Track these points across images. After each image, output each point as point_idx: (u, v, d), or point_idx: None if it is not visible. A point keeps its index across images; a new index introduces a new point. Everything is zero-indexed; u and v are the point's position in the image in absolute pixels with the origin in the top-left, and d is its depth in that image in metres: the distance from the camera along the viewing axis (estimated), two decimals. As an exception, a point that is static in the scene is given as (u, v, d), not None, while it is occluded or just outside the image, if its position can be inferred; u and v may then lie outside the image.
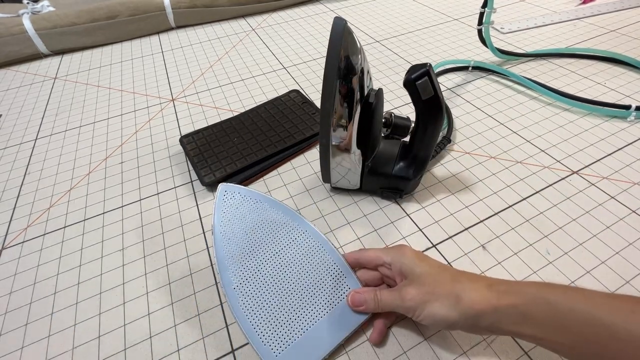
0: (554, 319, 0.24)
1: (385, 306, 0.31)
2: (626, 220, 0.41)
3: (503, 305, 0.26)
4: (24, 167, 0.57)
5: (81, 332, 0.36)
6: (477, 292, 0.27)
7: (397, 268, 0.32)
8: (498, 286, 0.27)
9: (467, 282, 0.29)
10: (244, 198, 0.37)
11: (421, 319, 0.29)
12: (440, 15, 0.89)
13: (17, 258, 0.43)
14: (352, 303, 0.33)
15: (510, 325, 0.26)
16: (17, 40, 0.82)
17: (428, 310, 0.28)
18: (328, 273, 0.34)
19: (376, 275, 0.35)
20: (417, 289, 0.29)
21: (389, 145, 0.44)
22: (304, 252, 0.35)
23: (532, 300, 0.25)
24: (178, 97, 0.68)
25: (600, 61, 0.66)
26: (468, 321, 0.27)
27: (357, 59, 0.35)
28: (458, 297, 0.27)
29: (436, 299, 0.28)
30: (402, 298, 0.30)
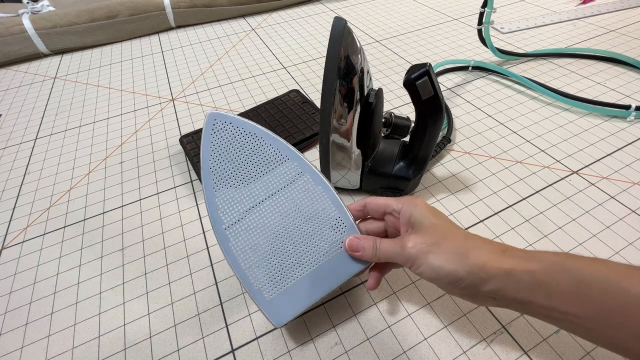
0: (574, 287, 0.22)
1: (383, 254, 0.29)
2: (626, 220, 0.41)
3: (518, 270, 0.24)
4: (23, 166, 0.57)
5: (81, 332, 0.36)
6: (490, 253, 0.25)
7: (406, 217, 0.29)
8: (514, 251, 0.25)
9: (480, 242, 0.26)
10: (236, 130, 0.32)
11: (421, 270, 0.26)
12: (440, 15, 0.89)
13: (16, 258, 0.43)
14: (349, 247, 0.30)
15: (520, 293, 0.24)
16: (16, 40, 0.82)
17: (431, 261, 0.26)
18: (327, 220, 0.31)
19: (380, 226, 0.32)
20: (421, 237, 0.27)
21: (388, 145, 0.44)
22: (302, 195, 0.32)
23: (551, 268, 0.23)
24: (178, 97, 0.68)
25: (600, 61, 0.66)
26: (474, 281, 0.25)
27: (357, 59, 0.35)
28: (467, 254, 0.25)
29: (442, 252, 0.26)
30: (402, 245, 0.27)
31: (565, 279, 0.23)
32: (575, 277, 0.23)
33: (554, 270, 0.23)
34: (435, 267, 0.26)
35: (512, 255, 0.25)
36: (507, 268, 0.24)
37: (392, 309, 0.35)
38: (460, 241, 0.26)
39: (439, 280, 0.26)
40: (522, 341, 0.32)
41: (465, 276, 0.25)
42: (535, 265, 0.24)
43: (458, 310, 0.34)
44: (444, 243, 0.26)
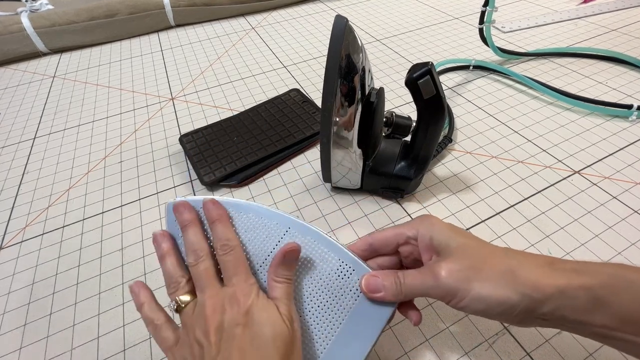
0: (636, 302, 0.20)
1: (410, 290, 0.24)
2: (628, 221, 0.40)
3: (573, 286, 0.21)
4: (22, 166, 0.56)
5: (80, 333, 0.36)
6: (538, 269, 0.22)
7: (426, 241, 0.25)
8: (563, 264, 0.22)
9: (523, 257, 0.23)
10: (201, 212, 0.28)
11: (465, 303, 0.22)
12: (442, 14, 0.89)
13: (15, 258, 0.43)
14: (367, 288, 0.25)
15: (578, 313, 0.21)
16: (15, 39, 0.81)
17: (476, 291, 0.22)
18: (330, 269, 0.27)
19: (393, 260, 0.28)
20: (457, 263, 0.23)
21: (390, 144, 0.44)
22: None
23: (610, 281, 0.21)
24: (177, 96, 0.68)
25: (601, 60, 0.66)
26: (528, 306, 0.21)
27: (358, 58, 0.35)
28: (514, 274, 0.22)
29: (486, 277, 0.22)
30: (435, 276, 0.23)
31: (629, 295, 0.20)
32: (637, 292, 0.20)
33: (614, 285, 0.21)
34: (483, 297, 0.22)
35: (562, 269, 0.22)
36: (561, 284, 0.21)
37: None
38: (501, 259, 0.23)
39: (490, 311, 0.22)
40: (525, 342, 0.32)
41: (519, 301, 0.21)
42: (589, 279, 0.21)
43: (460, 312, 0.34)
44: (484, 265, 0.22)
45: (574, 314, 0.21)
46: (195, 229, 0.27)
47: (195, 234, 0.26)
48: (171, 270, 0.26)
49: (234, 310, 0.23)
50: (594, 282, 0.21)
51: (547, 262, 0.23)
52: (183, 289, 0.25)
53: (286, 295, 0.25)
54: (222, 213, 0.27)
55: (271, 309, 0.23)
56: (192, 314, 0.24)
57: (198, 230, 0.27)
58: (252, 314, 0.23)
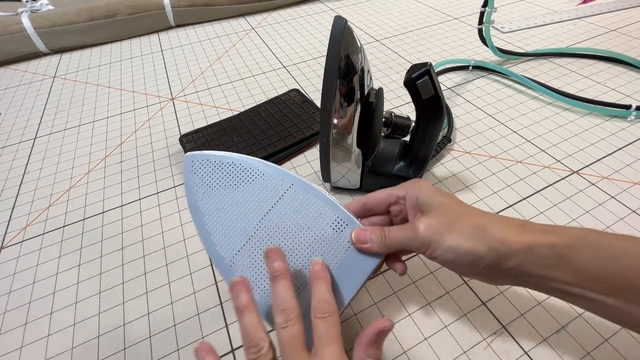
0: (599, 262, 0.21)
1: (394, 242, 0.27)
2: (626, 220, 0.41)
3: (539, 244, 0.22)
4: (22, 166, 0.56)
5: (80, 332, 0.36)
6: (508, 228, 0.24)
7: (412, 201, 0.27)
8: (533, 225, 0.24)
9: (497, 217, 0.25)
10: (215, 165, 0.31)
11: (438, 253, 0.25)
12: (441, 15, 0.89)
13: (16, 257, 0.43)
14: (356, 239, 0.28)
15: (542, 269, 0.22)
16: (16, 39, 0.82)
17: (448, 242, 0.24)
18: (326, 224, 0.29)
19: (385, 220, 0.31)
20: (435, 219, 0.25)
21: (389, 144, 0.44)
22: (294, 207, 0.30)
23: (575, 241, 0.22)
24: (178, 96, 0.68)
25: (600, 61, 0.66)
26: (495, 258, 0.23)
27: (358, 58, 0.35)
28: (485, 230, 0.24)
29: (458, 231, 0.24)
30: (415, 230, 0.25)
31: (590, 253, 0.22)
32: (600, 252, 0.21)
33: (578, 244, 0.22)
34: (453, 247, 0.24)
35: (532, 229, 0.24)
36: (527, 242, 0.23)
37: (392, 309, 0.35)
38: (476, 217, 0.25)
39: (458, 261, 0.24)
40: (523, 341, 0.32)
41: (486, 253, 0.23)
42: (556, 239, 0.22)
43: (458, 310, 0.34)
44: (459, 221, 0.25)
45: (539, 269, 0.23)
46: (287, 282, 0.25)
47: (287, 289, 0.24)
48: (251, 330, 0.23)
49: None
50: (560, 241, 0.22)
51: (519, 224, 0.24)
52: (266, 357, 0.23)
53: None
54: (328, 275, 0.26)
55: None
56: None
57: (289, 285, 0.25)
58: None
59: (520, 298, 0.35)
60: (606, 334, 0.32)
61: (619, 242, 0.22)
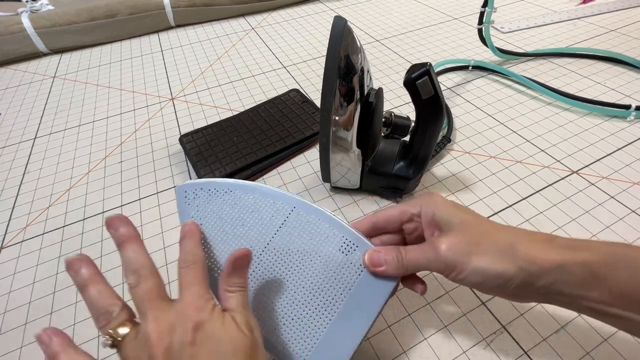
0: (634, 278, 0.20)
1: (412, 264, 0.25)
2: (626, 220, 0.41)
3: (571, 261, 0.21)
4: (22, 166, 0.56)
5: (80, 332, 0.36)
6: (537, 244, 0.22)
7: (429, 218, 0.25)
8: (562, 241, 0.23)
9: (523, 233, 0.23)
10: (210, 193, 0.29)
11: (464, 276, 0.23)
12: (441, 15, 0.89)
13: (16, 257, 0.43)
14: (370, 262, 0.26)
15: (574, 288, 0.21)
16: (16, 39, 0.82)
17: (475, 263, 0.22)
18: (334, 247, 0.27)
19: (396, 238, 0.29)
20: (457, 238, 0.23)
21: (388, 144, 0.44)
22: (298, 232, 0.28)
23: (609, 258, 0.21)
24: (177, 96, 0.68)
25: (600, 61, 0.66)
26: (525, 279, 0.22)
27: (357, 58, 0.35)
28: (513, 249, 0.22)
29: (484, 251, 0.23)
30: (436, 250, 0.24)
31: (626, 271, 0.20)
32: (636, 270, 0.20)
33: (612, 262, 0.21)
34: (480, 269, 0.22)
35: (561, 246, 0.22)
36: (558, 260, 0.21)
37: (391, 309, 0.35)
38: (502, 235, 0.23)
39: (486, 283, 0.23)
40: (522, 341, 0.32)
41: (516, 274, 0.22)
42: (589, 256, 0.21)
43: (458, 310, 0.34)
44: (484, 240, 0.23)
45: (571, 289, 0.21)
46: (134, 245, 0.23)
47: (136, 250, 0.23)
48: (97, 299, 0.21)
49: (184, 327, 0.20)
50: (593, 258, 0.21)
51: (547, 239, 0.23)
52: (117, 320, 0.21)
53: (242, 304, 0.23)
54: (195, 229, 0.26)
55: (227, 321, 0.21)
56: (134, 344, 0.20)
57: (138, 247, 0.23)
58: (206, 330, 0.20)
59: (520, 298, 0.35)
60: (605, 334, 0.32)
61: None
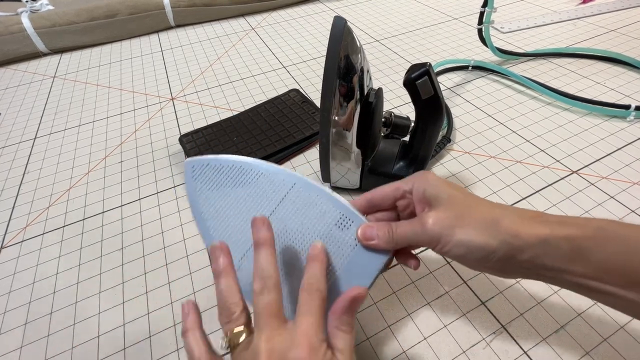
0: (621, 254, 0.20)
1: (401, 237, 0.26)
2: (625, 220, 0.41)
3: (555, 236, 0.21)
4: (22, 166, 0.56)
5: (80, 332, 0.36)
6: (522, 219, 0.23)
7: (420, 194, 0.26)
8: (547, 217, 0.23)
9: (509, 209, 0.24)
10: (215, 168, 0.31)
11: (449, 248, 0.24)
12: (441, 15, 0.89)
13: (16, 257, 0.43)
14: (362, 236, 0.27)
15: (558, 262, 0.21)
16: (16, 39, 0.82)
17: (459, 236, 0.23)
18: (331, 223, 0.28)
19: (391, 215, 0.30)
20: (444, 212, 0.24)
21: (388, 144, 0.44)
22: (298, 207, 0.29)
23: (594, 233, 0.21)
24: (177, 97, 0.68)
25: (600, 61, 0.66)
26: (508, 252, 0.22)
27: (357, 58, 0.35)
28: (497, 222, 0.23)
29: (468, 224, 0.23)
30: (423, 224, 0.24)
31: (611, 245, 0.21)
32: (622, 244, 0.20)
33: (597, 236, 0.21)
34: (464, 242, 0.23)
35: (546, 221, 0.23)
36: (543, 234, 0.22)
37: (391, 309, 0.35)
38: (487, 209, 0.24)
39: (469, 256, 0.23)
40: (522, 341, 0.32)
41: (499, 247, 0.22)
42: (574, 231, 0.21)
43: (458, 310, 0.35)
44: (469, 214, 0.24)
45: (555, 262, 0.22)
46: (270, 252, 0.24)
47: (268, 259, 0.24)
48: (226, 294, 0.23)
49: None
50: (578, 233, 0.21)
51: (533, 215, 0.23)
52: (236, 322, 0.22)
53: (350, 348, 0.22)
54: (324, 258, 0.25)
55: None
56: (244, 355, 0.21)
57: (272, 254, 0.24)
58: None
59: (520, 298, 0.35)
60: (605, 333, 0.32)
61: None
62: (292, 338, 0.21)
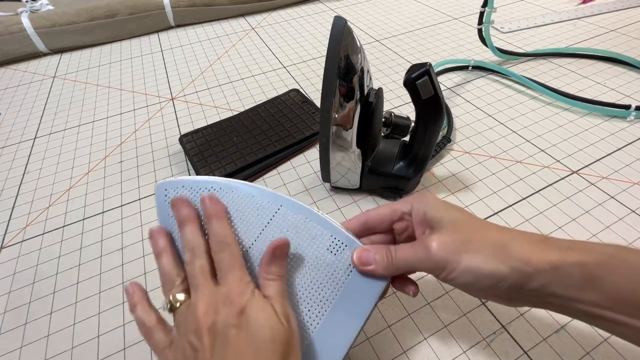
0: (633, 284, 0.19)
1: (402, 263, 0.24)
2: (626, 220, 0.41)
3: (567, 262, 0.20)
4: (22, 166, 0.56)
5: (80, 332, 0.36)
6: (531, 244, 0.22)
7: (420, 216, 0.25)
8: (558, 242, 0.22)
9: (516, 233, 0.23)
10: (192, 191, 0.28)
11: (455, 275, 0.22)
12: (441, 15, 0.89)
13: (15, 257, 0.43)
14: (358, 261, 0.25)
15: (569, 290, 0.20)
16: (16, 39, 0.82)
17: (466, 263, 0.21)
18: (323, 248, 0.26)
19: (387, 238, 0.28)
20: (449, 236, 0.23)
21: (388, 144, 0.44)
22: (286, 232, 0.27)
23: (607, 260, 0.20)
24: (177, 97, 0.68)
25: (600, 61, 0.66)
26: (518, 280, 0.21)
27: (357, 58, 0.35)
28: (506, 248, 0.21)
29: (476, 250, 0.22)
30: (427, 249, 0.23)
31: (624, 273, 0.20)
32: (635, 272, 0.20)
33: (609, 263, 0.20)
34: (472, 269, 0.21)
35: (556, 246, 0.21)
36: (554, 261, 0.21)
37: (391, 310, 0.35)
38: (494, 233, 0.23)
39: (477, 284, 0.22)
40: (522, 341, 0.32)
41: (509, 274, 0.21)
42: (585, 257, 0.20)
43: (458, 310, 0.34)
44: (477, 239, 0.22)
45: (565, 290, 0.21)
46: (193, 226, 0.25)
47: (193, 231, 0.25)
48: (167, 268, 0.25)
49: (228, 310, 0.21)
50: (590, 259, 0.20)
51: (541, 240, 0.22)
52: (178, 288, 0.24)
53: (280, 292, 0.24)
54: (220, 209, 0.26)
55: (267, 309, 0.22)
56: (185, 312, 0.23)
57: (196, 228, 0.25)
58: (248, 314, 0.21)
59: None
60: (606, 334, 0.32)
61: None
62: (223, 292, 0.23)
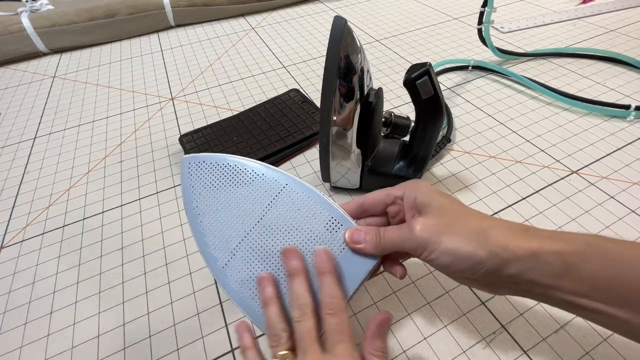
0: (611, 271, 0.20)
1: (389, 242, 0.26)
2: (625, 220, 0.41)
3: (545, 250, 0.21)
4: (22, 166, 0.56)
5: (80, 332, 0.36)
6: (512, 232, 0.22)
7: (411, 201, 0.26)
8: (537, 231, 0.23)
9: (499, 220, 0.24)
10: (211, 166, 0.32)
11: (435, 256, 0.23)
12: (441, 15, 0.89)
13: (15, 257, 0.43)
14: (350, 239, 0.27)
15: (547, 277, 0.21)
16: (15, 39, 0.82)
17: (446, 244, 0.23)
18: (320, 224, 0.29)
19: (382, 221, 0.30)
20: (433, 219, 0.24)
21: (388, 144, 0.44)
22: (289, 208, 0.30)
23: (585, 248, 0.21)
24: (177, 96, 0.68)
25: (600, 61, 0.66)
26: (495, 264, 0.22)
27: (357, 58, 0.35)
28: (486, 233, 0.22)
29: (457, 232, 0.23)
30: (411, 230, 0.24)
31: (600, 261, 0.20)
32: (612, 260, 0.20)
33: (587, 252, 0.21)
34: (451, 250, 0.23)
35: (536, 235, 0.22)
36: (532, 248, 0.21)
37: (391, 309, 0.35)
38: (477, 220, 0.24)
39: (456, 265, 0.23)
40: (522, 341, 0.32)
41: (486, 258, 0.22)
42: (563, 246, 0.21)
43: (458, 310, 0.35)
44: (459, 223, 0.23)
45: (544, 278, 0.21)
46: (302, 279, 0.26)
47: (302, 286, 0.25)
48: (274, 320, 0.25)
49: None
50: (568, 248, 0.21)
51: (523, 229, 0.23)
52: (284, 345, 0.24)
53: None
54: (333, 266, 0.26)
55: None
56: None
57: (305, 282, 0.26)
58: None
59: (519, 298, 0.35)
60: (605, 333, 0.32)
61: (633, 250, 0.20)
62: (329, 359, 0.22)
